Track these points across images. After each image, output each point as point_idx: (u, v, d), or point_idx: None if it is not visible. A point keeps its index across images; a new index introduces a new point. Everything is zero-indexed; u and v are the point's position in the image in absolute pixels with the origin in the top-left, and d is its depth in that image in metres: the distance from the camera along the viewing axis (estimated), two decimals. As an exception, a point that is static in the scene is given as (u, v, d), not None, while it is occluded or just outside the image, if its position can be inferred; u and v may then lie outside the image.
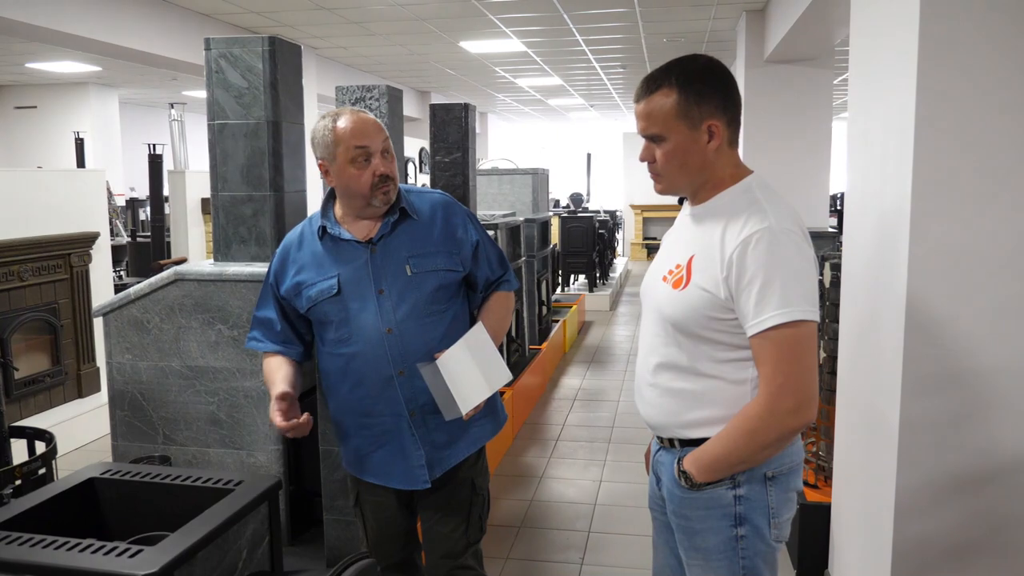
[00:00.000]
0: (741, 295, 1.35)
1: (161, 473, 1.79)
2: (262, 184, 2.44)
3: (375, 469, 1.86)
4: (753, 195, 1.42)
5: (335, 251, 1.80)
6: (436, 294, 1.80)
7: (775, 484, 1.45)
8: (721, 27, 6.55)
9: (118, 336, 2.45)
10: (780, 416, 1.35)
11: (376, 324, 1.77)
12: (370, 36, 6.85)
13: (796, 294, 1.33)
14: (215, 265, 2.45)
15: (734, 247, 1.36)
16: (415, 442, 1.81)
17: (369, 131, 1.74)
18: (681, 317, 1.43)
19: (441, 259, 1.81)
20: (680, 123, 1.40)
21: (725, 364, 1.43)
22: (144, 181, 7.69)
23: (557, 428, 4.70)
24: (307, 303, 1.81)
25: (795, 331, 1.33)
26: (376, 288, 1.78)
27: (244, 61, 2.40)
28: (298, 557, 2.43)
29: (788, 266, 1.34)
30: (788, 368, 1.33)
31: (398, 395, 1.79)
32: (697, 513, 1.48)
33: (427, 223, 1.83)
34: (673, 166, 1.43)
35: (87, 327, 4.73)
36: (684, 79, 1.39)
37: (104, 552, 1.36)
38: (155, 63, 5.95)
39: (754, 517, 1.45)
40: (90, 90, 9.42)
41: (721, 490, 1.45)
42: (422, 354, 1.76)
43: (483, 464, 1.97)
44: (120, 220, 8.22)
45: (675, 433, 1.50)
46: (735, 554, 1.46)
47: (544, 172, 7.01)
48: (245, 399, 2.40)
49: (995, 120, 1.77)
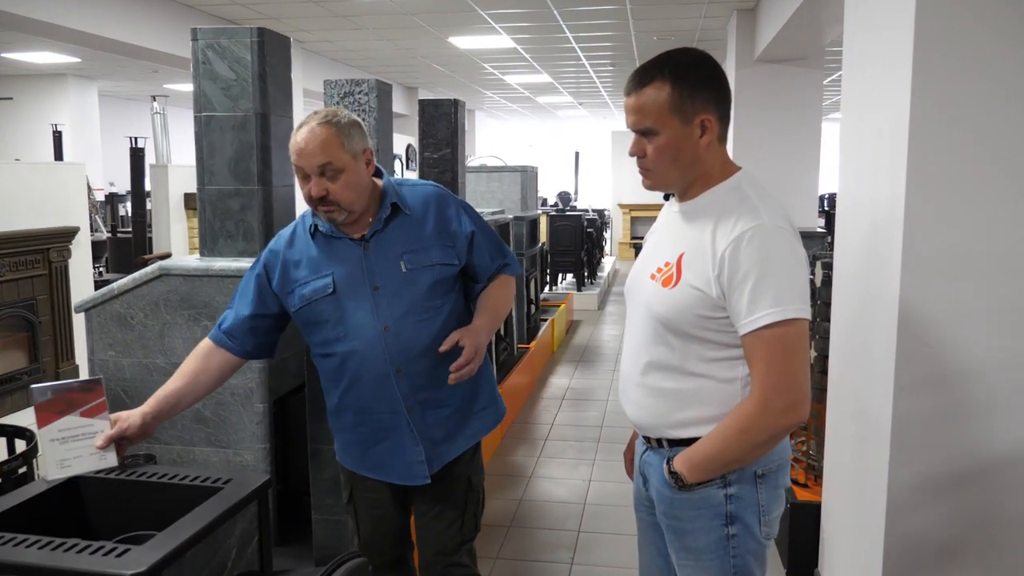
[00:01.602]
0: (733, 293, 1.34)
1: (148, 471, 1.76)
2: (250, 178, 2.41)
3: (373, 464, 1.84)
4: (744, 192, 1.40)
5: (328, 249, 1.77)
6: (432, 290, 1.77)
7: (765, 482, 1.44)
8: (712, 26, 6.56)
9: (101, 332, 2.40)
10: (774, 415, 1.34)
11: (372, 322, 1.74)
12: (357, 30, 6.80)
13: (789, 292, 1.32)
14: (201, 260, 2.41)
15: (726, 245, 1.34)
16: (414, 438, 1.79)
17: (306, 150, 1.66)
18: (671, 315, 1.41)
19: (436, 253, 1.78)
20: (673, 117, 1.37)
21: (715, 363, 1.41)
22: (124, 176, 7.58)
23: (546, 427, 4.68)
24: (300, 302, 1.78)
25: (787, 329, 1.32)
26: (371, 285, 1.75)
27: (232, 52, 2.37)
28: (286, 557, 2.40)
29: (781, 264, 1.33)
30: (781, 367, 1.32)
31: (396, 392, 1.76)
32: (688, 513, 1.46)
33: (420, 218, 1.81)
34: (665, 161, 1.41)
35: (66, 324, 4.65)
36: (677, 72, 1.37)
37: (90, 552, 1.33)
38: (136, 55, 5.87)
39: (745, 515, 1.44)
40: (69, 82, 9.27)
41: (712, 490, 1.43)
42: (419, 351, 1.74)
43: (479, 460, 1.95)
44: (100, 215, 8.11)
45: (664, 433, 1.48)
46: (726, 553, 1.45)
47: (533, 170, 6.99)
48: (231, 397, 2.36)
49: (990, 119, 1.77)
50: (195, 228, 3.60)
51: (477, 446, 1.94)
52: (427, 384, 1.77)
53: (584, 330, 7.73)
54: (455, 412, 1.83)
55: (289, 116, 2.56)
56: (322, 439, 2.31)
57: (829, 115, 11.53)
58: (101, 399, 1.83)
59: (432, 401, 1.78)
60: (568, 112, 14.45)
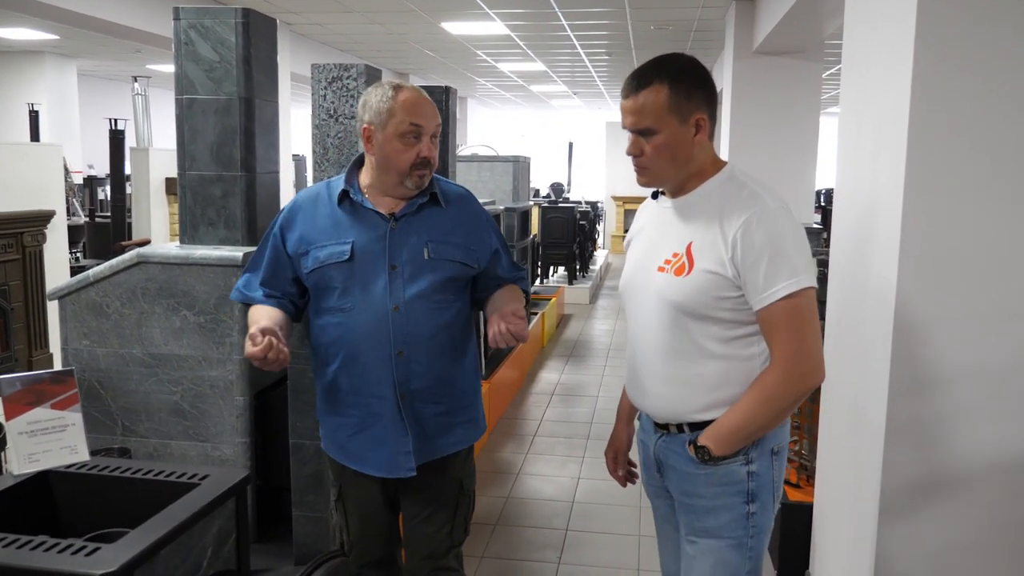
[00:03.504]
0: (748, 271, 1.44)
1: (121, 466, 1.74)
2: (233, 164, 2.35)
3: (358, 453, 1.80)
4: (740, 180, 1.52)
5: (353, 217, 1.77)
6: (448, 283, 1.78)
7: (778, 458, 1.56)
8: (710, 16, 6.50)
9: (75, 321, 2.34)
10: (796, 380, 1.44)
11: (383, 299, 1.73)
12: (348, 13, 6.69)
13: (801, 264, 1.44)
14: (181, 248, 2.35)
15: (736, 227, 1.45)
16: (402, 428, 1.76)
17: (428, 111, 1.75)
18: (689, 301, 1.49)
19: (460, 252, 1.80)
20: (672, 117, 1.48)
21: (734, 342, 1.50)
22: (104, 158, 7.40)
23: (535, 423, 4.64)
24: (313, 263, 1.76)
25: (800, 300, 1.43)
26: (389, 263, 1.74)
27: (216, 33, 2.30)
28: (265, 555, 2.35)
29: (789, 239, 1.45)
30: (800, 334, 1.43)
31: (392, 376, 1.74)
32: (712, 491, 1.53)
33: (453, 215, 1.83)
34: (664, 159, 1.51)
35: (40, 311, 4.54)
36: (673, 75, 1.48)
37: (58, 550, 1.31)
38: (117, 33, 5.73)
39: (763, 493, 1.53)
40: (46, 59, 9.05)
41: (735, 466, 1.51)
42: (424, 337, 1.74)
43: (471, 464, 1.93)
44: (78, 199, 7.97)
45: (686, 418, 1.55)
46: (745, 533, 1.52)
47: (525, 160, 6.93)
48: (211, 389, 2.30)
49: (992, 115, 1.74)
50: (176, 214, 3.51)
51: (470, 449, 1.91)
52: (425, 373, 1.75)
53: (575, 324, 7.69)
54: (446, 413, 1.81)
55: (274, 100, 2.49)
56: (304, 434, 2.25)
57: (827, 109, 11.50)
58: (73, 391, 1.81)
59: (425, 394, 1.76)
60: (562, 102, 14.37)
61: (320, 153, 2.53)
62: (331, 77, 2.55)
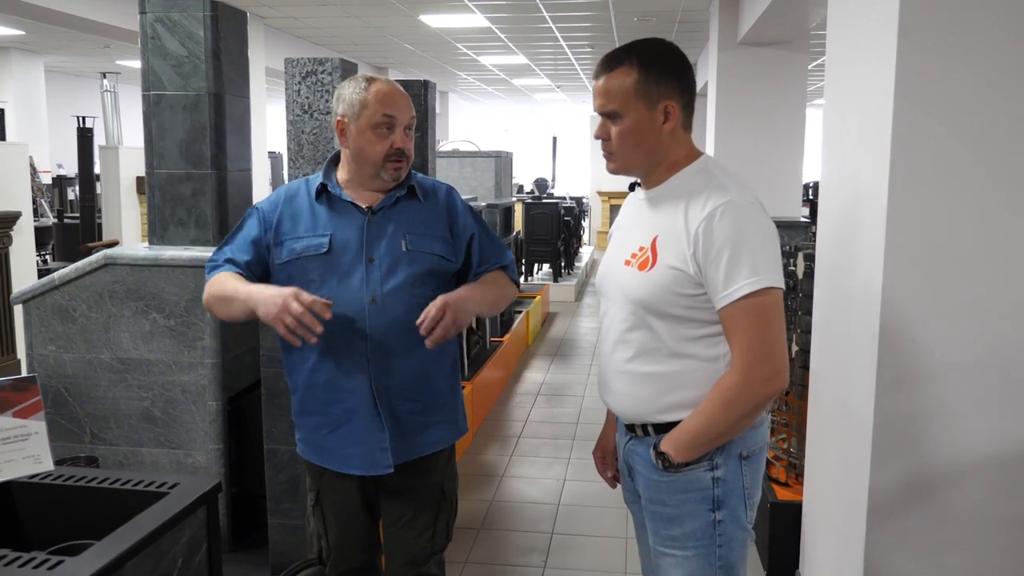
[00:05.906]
0: (710, 268, 1.39)
1: (87, 476, 1.71)
2: (202, 161, 2.29)
3: (334, 452, 1.77)
4: (710, 172, 1.46)
5: (331, 210, 1.77)
6: (427, 277, 1.76)
7: (749, 464, 1.49)
8: (694, 7, 6.47)
9: (40, 325, 2.27)
10: (757, 384, 1.39)
11: (360, 292, 1.72)
12: (323, 6, 6.60)
13: (764, 263, 1.38)
14: (150, 249, 2.29)
15: (699, 222, 1.39)
16: (379, 423, 1.73)
17: (401, 103, 1.77)
18: (651, 297, 1.44)
19: (439, 245, 1.79)
20: (639, 102, 1.44)
21: (698, 342, 1.45)
22: (73, 157, 7.26)
23: (519, 424, 4.60)
24: (288, 255, 1.75)
25: (764, 299, 1.37)
26: (367, 256, 1.74)
27: (183, 27, 2.24)
28: (240, 564, 2.31)
29: (753, 236, 1.39)
30: (762, 336, 1.38)
31: (367, 370, 1.72)
32: (675, 498, 1.48)
33: (431, 208, 1.82)
34: (628, 144, 1.47)
35: (6, 316, 4.44)
36: (644, 59, 1.44)
37: (20, 564, 1.29)
38: (84, 28, 5.62)
39: (730, 500, 1.47)
40: (12, 56, 8.91)
41: (699, 472, 1.46)
42: (400, 330, 1.71)
43: (453, 467, 1.90)
44: (45, 199, 7.82)
45: (649, 419, 1.50)
46: (712, 542, 1.47)
47: (508, 155, 6.87)
48: (182, 394, 2.24)
49: (975, 107, 1.73)
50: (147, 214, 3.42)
51: (451, 452, 1.89)
52: (399, 368, 1.73)
53: (560, 323, 7.66)
54: (422, 411, 1.78)
55: (245, 96, 2.43)
56: (279, 439, 2.20)
57: (814, 101, 11.51)
58: (36, 399, 1.77)
59: (401, 390, 1.74)
60: (545, 95, 14.34)
61: (295, 150, 2.47)
62: (305, 72, 2.48)
